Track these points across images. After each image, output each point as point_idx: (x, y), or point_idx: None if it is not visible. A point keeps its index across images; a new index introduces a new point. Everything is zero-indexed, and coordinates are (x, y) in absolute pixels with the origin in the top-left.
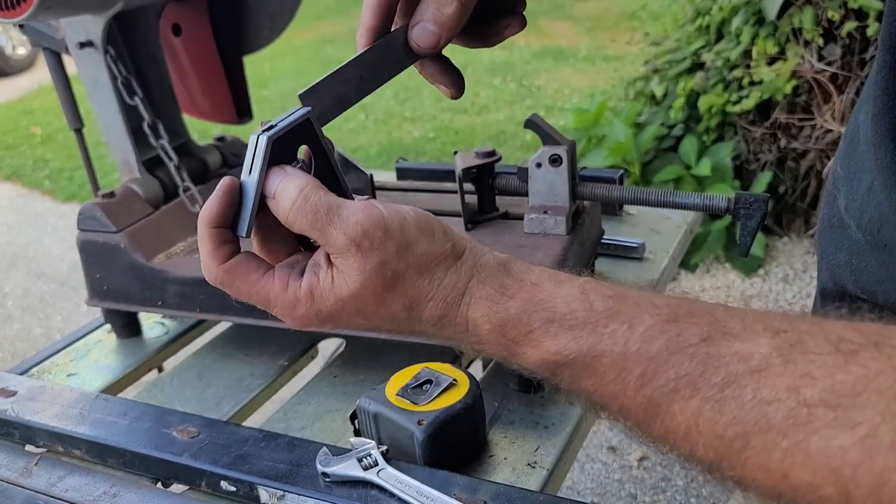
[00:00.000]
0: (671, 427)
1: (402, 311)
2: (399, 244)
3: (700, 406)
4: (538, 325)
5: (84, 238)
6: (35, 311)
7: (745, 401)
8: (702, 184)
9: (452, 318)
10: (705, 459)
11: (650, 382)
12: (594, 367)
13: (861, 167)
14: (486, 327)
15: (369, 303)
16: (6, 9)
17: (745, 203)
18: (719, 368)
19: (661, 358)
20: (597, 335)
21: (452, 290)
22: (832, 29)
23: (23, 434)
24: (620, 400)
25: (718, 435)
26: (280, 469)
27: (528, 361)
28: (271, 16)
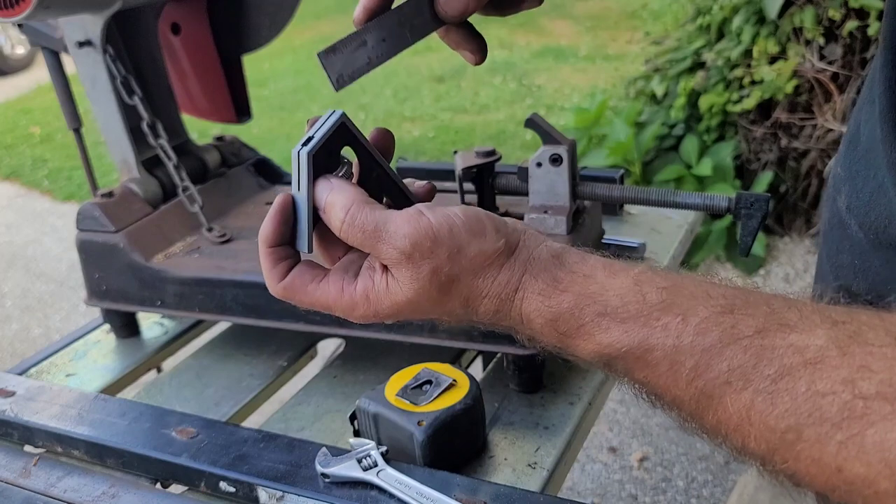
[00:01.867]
0: (723, 419)
1: (458, 308)
2: (450, 250)
3: (752, 398)
4: (590, 319)
5: (83, 238)
6: (34, 311)
7: (799, 393)
8: (703, 183)
9: (507, 312)
10: (757, 452)
11: (702, 375)
12: (646, 360)
13: (864, 166)
14: (539, 321)
15: (425, 306)
16: (5, 8)
17: (746, 203)
18: (773, 360)
19: (714, 350)
20: (649, 328)
21: (506, 286)
22: (833, 28)
23: (21, 434)
24: (673, 392)
25: (771, 427)
26: (279, 470)
27: (581, 353)
28: (270, 15)
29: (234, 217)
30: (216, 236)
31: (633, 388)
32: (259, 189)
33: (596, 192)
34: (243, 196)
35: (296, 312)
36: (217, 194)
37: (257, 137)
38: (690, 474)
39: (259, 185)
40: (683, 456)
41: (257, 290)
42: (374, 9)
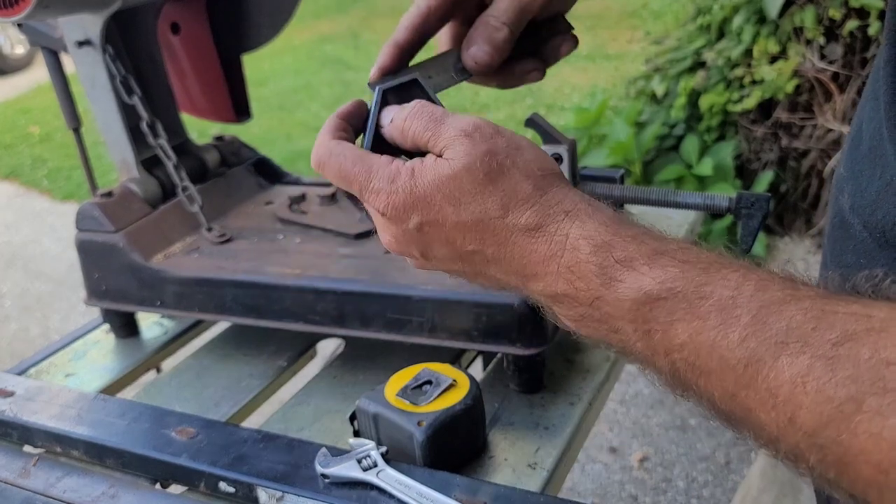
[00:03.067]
0: (773, 387)
1: (496, 209)
2: (510, 143)
3: (811, 363)
4: (647, 253)
5: (82, 238)
6: (33, 311)
7: (862, 360)
8: (703, 183)
9: (549, 229)
10: (807, 427)
11: (757, 333)
12: (697, 309)
13: (868, 165)
14: (586, 248)
15: (466, 189)
16: (4, 8)
17: (746, 202)
18: (835, 325)
19: (773, 307)
20: (707, 275)
21: (557, 204)
22: (833, 28)
23: (21, 434)
24: (718, 351)
25: (828, 396)
26: (279, 470)
27: (621, 294)
28: (270, 14)
29: (234, 217)
30: (216, 236)
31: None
32: (259, 189)
33: (596, 192)
34: (243, 196)
35: (295, 312)
36: (217, 194)
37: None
38: (691, 475)
39: (259, 184)
40: (684, 456)
41: (257, 290)
42: (403, 49)
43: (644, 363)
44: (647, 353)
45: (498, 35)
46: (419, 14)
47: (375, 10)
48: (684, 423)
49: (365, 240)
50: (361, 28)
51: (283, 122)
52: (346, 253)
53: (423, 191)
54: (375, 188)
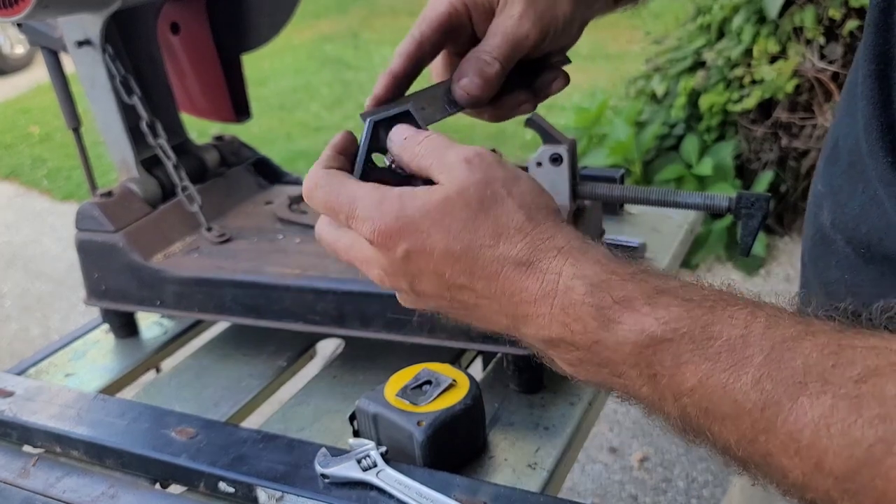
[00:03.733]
0: (793, 431)
1: (486, 238)
2: (507, 174)
3: (833, 403)
4: (647, 292)
5: (82, 238)
6: (33, 311)
7: (889, 397)
8: (703, 183)
9: (541, 266)
10: (836, 472)
11: (772, 374)
12: (705, 350)
13: (848, 181)
14: (581, 288)
15: (457, 215)
16: (4, 7)
17: (746, 202)
18: (855, 361)
19: (786, 345)
20: (714, 314)
21: (549, 239)
22: (833, 28)
23: (20, 434)
24: (732, 395)
25: (856, 439)
26: (279, 470)
27: (621, 337)
28: (270, 14)
29: (234, 217)
30: (215, 236)
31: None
32: (258, 189)
33: (596, 192)
34: (243, 196)
35: (295, 312)
36: (216, 194)
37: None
38: (691, 475)
39: (258, 184)
40: (684, 456)
41: (257, 290)
42: (399, 79)
43: (651, 408)
44: (654, 397)
45: (489, 69)
46: (413, 43)
47: (375, 10)
48: None
49: None
50: (361, 28)
51: (283, 122)
52: None
53: (411, 216)
54: (361, 215)
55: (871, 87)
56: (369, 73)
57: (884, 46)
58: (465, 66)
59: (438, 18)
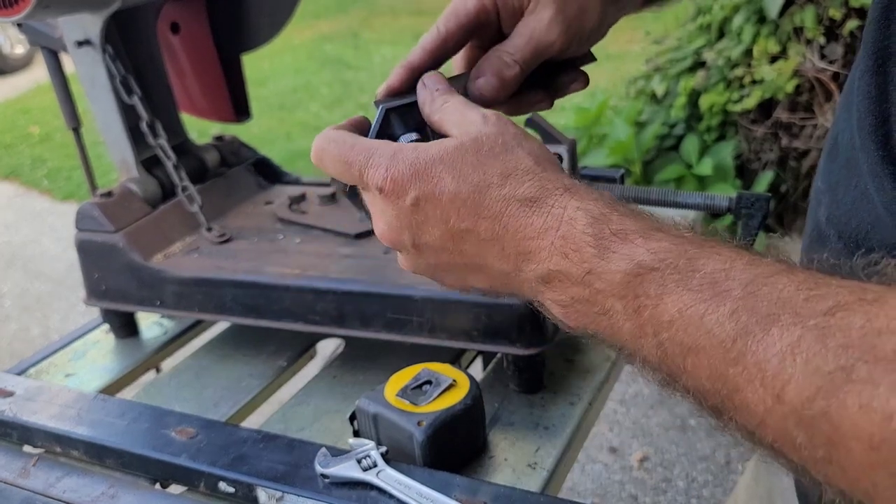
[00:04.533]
0: (761, 361)
1: (496, 178)
2: (519, 131)
3: (802, 334)
4: (642, 228)
5: (82, 238)
6: (33, 311)
7: (854, 328)
8: (703, 183)
9: (547, 202)
10: (795, 402)
11: (748, 305)
12: (688, 281)
13: (844, 176)
14: (582, 220)
15: (469, 160)
16: (4, 7)
17: (746, 202)
18: (827, 296)
19: (764, 280)
20: (701, 250)
21: (557, 179)
22: (834, 28)
23: (20, 434)
24: (707, 325)
25: (817, 367)
26: (279, 470)
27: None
28: (270, 14)
29: (234, 217)
30: (215, 236)
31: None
32: (259, 189)
33: None
34: (243, 196)
35: (295, 312)
36: (216, 194)
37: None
38: (691, 475)
39: (259, 184)
40: (684, 456)
41: (257, 290)
42: (416, 71)
43: (632, 349)
44: (635, 334)
45: (508, 72)
46: (437, 37)
47: (375, 10)
48: (684, 423)
49: (365, 240)
50: (361, 28)
51: (283, 122)
52: (346, 253)
53: (424, 162)
54: (375, 163)
55: (868, 81)
56: (369, 72)
57: (883, 42)
58: (484, 64)
59: (467, 15)
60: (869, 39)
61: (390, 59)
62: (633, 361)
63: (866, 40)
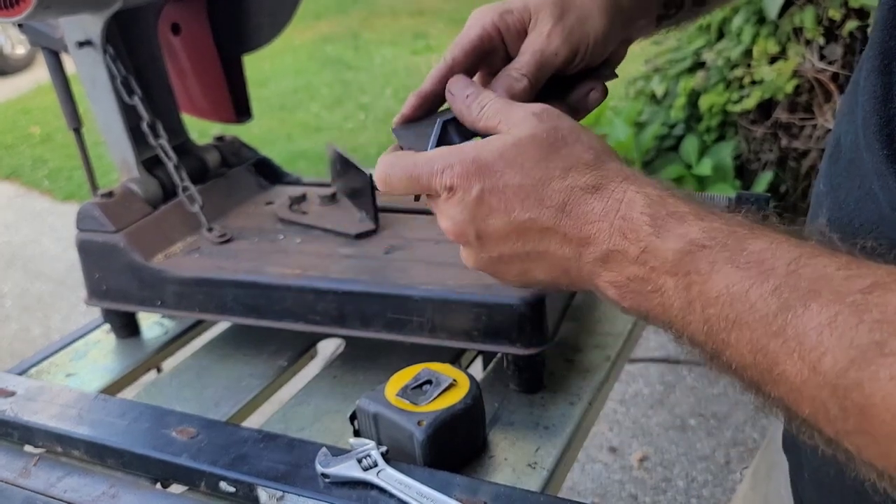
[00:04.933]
0: (800, 334)
1: (558, 171)
2: (574, 125)
3: (839, 310)
4: (697, 211)
5: (83, 238)
6: (33, 311)
7: (890, 305)
8: (703, 183)
9: (608, 188)
10: (829, 373)
11: (790, 282)
12: (737, 259)
13: (847, 178)
14: (641, 202)
15: (530, 154)
16: (5, 8)
17: (746, 203)
18: (866, 276)
19: (807, 259)
20: (750, 231)
21: (618, 170)
22: (833, 28)
23: (21, 434)
24: (751, 300)
25: (852, 340)
26: (279, 470)
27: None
28: (271, 14)
29: (235, 217)
30: (216, 236)
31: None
32: (259, 189)
33: None
34: (243, 196)
35: (296, 312)
36: (217, 194)
37: (257, 137)
38: (690, 474)
39: (259, 185)
40: (683, 456)
41: (257, 290)
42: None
43: (680, 326)
44: (684, 310)
45: (517, 85)
46: (444, 66)
47: (375, 11)
48: (684, 423)
49: (365, 240)
50: (361, 28)
51: (284, 123)
52: (347, 253)
53: (486, 158)
54: (439, 169)
55: (874, 81)
56: (369, 73)
57: (890, 42)
58: (494, 83)
59: (470, 43)
60: (876, 39)
61: (391, 59)
62: (680, 340)
63: (873, 40)
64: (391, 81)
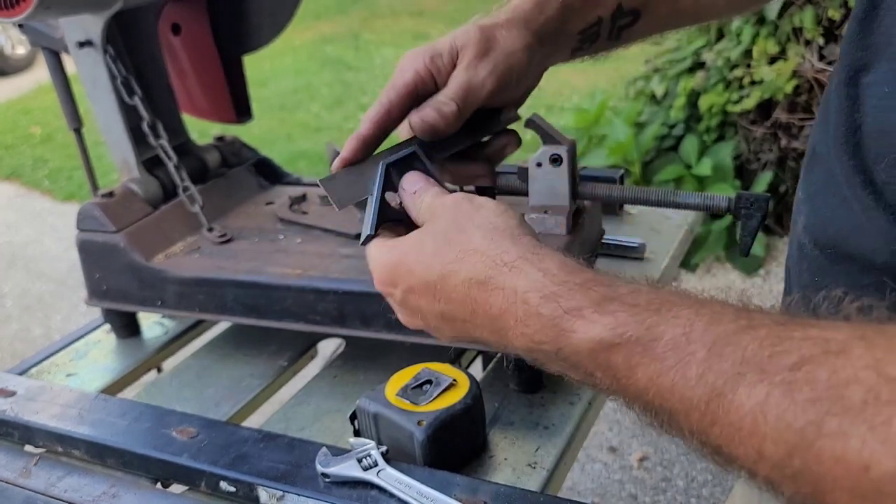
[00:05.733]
0: (735, 421)
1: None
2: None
3: (769, 391)
4: (596, 301)
5: (83, 238)
6: (34, 311)
7: (820, 381)
8: (702, 183)
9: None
10: (774, 458)
11: (714, 367)
12: (653, 351)
13: (822, 186)
14: (534, 300)
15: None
16: (5, 8)
17: (745, 203)
18: (791, 351)
19: (726, 339)
20: (660, 315)
21: (502, 254)
22: (833, 28)
23: (22, 434)
24: (681, 391)
25: (788, 424)
26: (279, 469)
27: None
28: (271, 15)
29: (235, 217)
30: (216, 236)
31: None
32: (259, 189)
33: (596, 192)
34: (244, 196)
35: (296, 312)
36: (217, 194)
37: (258, 137)
38: (690, 474)
39: (259, 185)
40: (683, 456)
41: (258, 290)
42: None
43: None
44: (622, 395)
45: (445, 108)
46: (380, 109)
47: (375, 11)
48: None
49: None
50: (361, 28)
51: (284, 123)
52: (347, 253)
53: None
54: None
55: (842, 93)
56: (370, 73)
57: (857, 54)
58: (423, 106)
59: (405, 86)
60: (845, 52)
61: (391, 60)
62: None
63: (843, 53)
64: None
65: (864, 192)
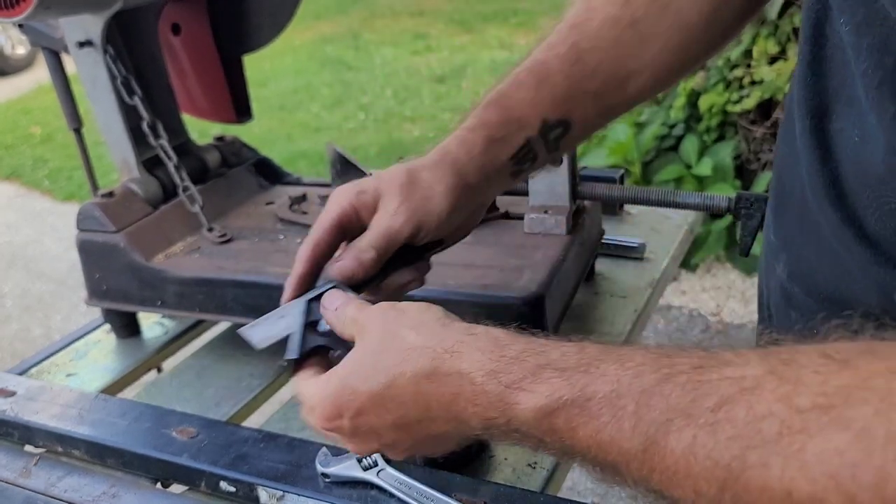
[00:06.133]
0: (670, 465)
1: (395, 368)
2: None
3: (695, 434)
4: (530, 371)
5: (83, 238)
6: (34, 311)
7: (739, 419)
8: (702, 183)
9: (442, 370)
10: (709, 495)
11: (644, 418)
12: (589, 411)
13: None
14: (479, 379)
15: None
16: (5, 8)
17: (745, 203)
18: (711, 394)
19: (652, 390)
20: (589, 375)
21: (440, 343)
22: None
23: (22, 434)
24: (619, 443)
25: (716, 462)
26: (280, 469)
27: (522, 414)
28: (271, 15)
29: (235, 217)
30: (216, 236)
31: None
32: (259, 189)
33: (596, 192)
34: (244, 196)
35: None
36: (217, 194)
37: (258, 137)
38: None
39: (259, 185)
40: None
41: (258, 290)
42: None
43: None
44: (571, 456)
45: (364, 255)
46: (310, 246)
47: (376, 11)
48: None
49: None
50: (362, 29)
51: (284, 123)
52: None
53: (338, 388)
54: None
55: (809, 142)
56: (370, 73)
57: (814, 100)
58: (344, 254)
59: (331, 221)
60: (801, 97)
61: (391, 60)
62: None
63: (798, 98)
64: (391, 82)
65: (860, 248)
